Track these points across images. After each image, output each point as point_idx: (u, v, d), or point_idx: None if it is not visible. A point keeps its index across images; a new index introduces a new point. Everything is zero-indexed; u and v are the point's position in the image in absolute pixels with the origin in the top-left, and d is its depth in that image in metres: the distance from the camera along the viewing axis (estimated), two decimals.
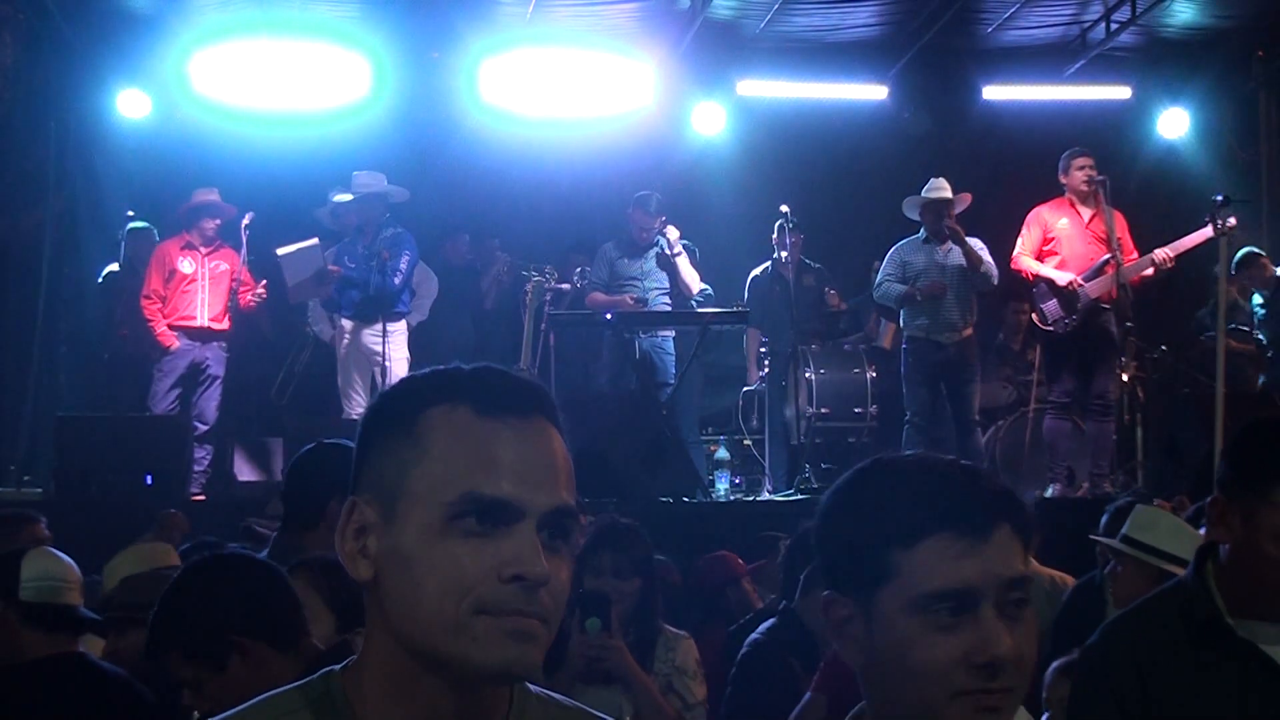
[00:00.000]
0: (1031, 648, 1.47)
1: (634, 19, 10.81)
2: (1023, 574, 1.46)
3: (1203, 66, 11.48)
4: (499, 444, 1.33)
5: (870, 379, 9.56)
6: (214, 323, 9.33)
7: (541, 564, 1.30)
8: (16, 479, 8.92)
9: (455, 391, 1.36)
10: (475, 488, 1.30)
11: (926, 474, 1.52)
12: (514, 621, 1.29)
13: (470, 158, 10.99)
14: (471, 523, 1.30)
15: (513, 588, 1.29)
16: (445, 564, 1.30)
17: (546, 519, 1.32)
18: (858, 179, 11.54)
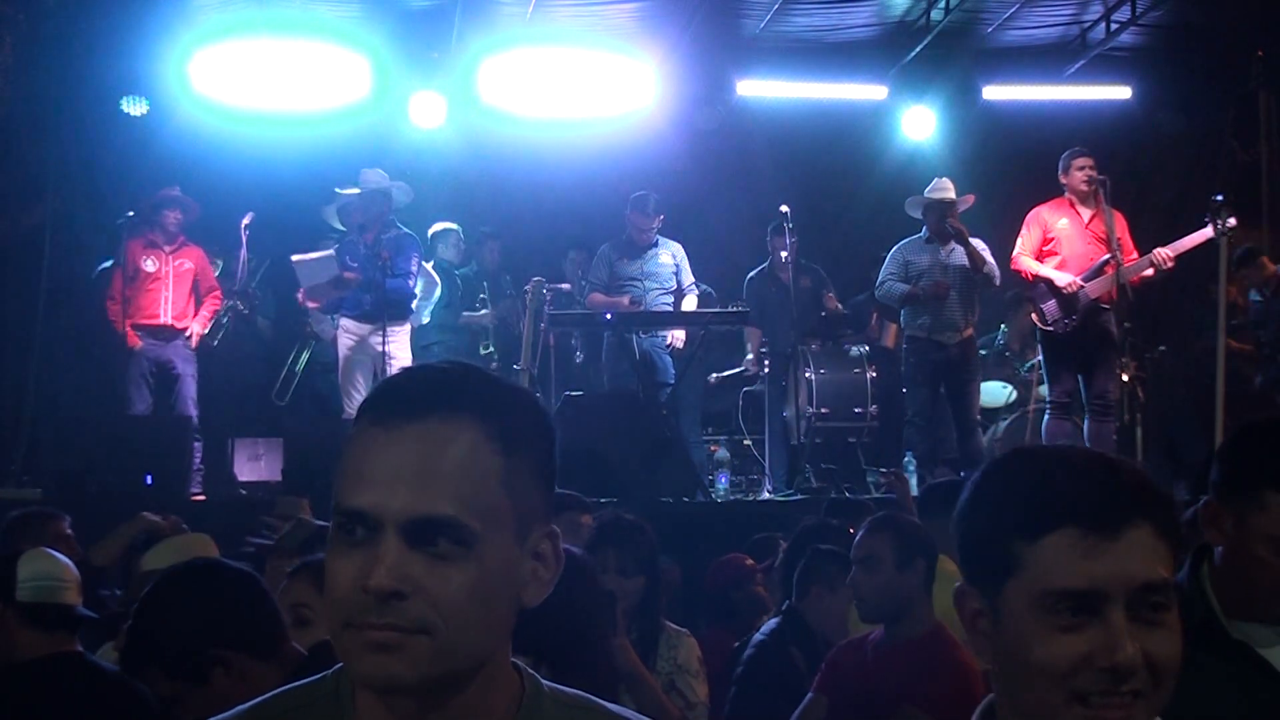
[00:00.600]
0: (1173, 653, 1.42)
1: (634, 19, 10.81)
2: (1162, 578, 1.39)
3: (1203, 66, 11.48)
4: (370, 453, 1.31)
5: (870, 379, 9.55)
6: (177, 320, 9.28)
7: (381, 575, 1.27)
8: (16, 479, 8.92)
9: (366, 404, 1.36)
10: (342, 500, 1.31)
11: (1059, 465, 1.45)
12: (368, 634, 1.28)
13: (470, 158, 10.99)
14: (345, 536, 1.31)
15: (368, 599, 1.28)
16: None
17: (410, 528, 1.28)
18: (858, 179, 11.55)
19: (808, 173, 11.26)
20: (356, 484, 1.31)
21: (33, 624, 3.41)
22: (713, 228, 11.00)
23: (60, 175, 10.16)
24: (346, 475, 1.32)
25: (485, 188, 11.04)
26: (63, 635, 3.45)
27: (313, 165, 10.29)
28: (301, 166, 10.39)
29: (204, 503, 8.34)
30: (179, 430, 8.56)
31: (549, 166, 10.91)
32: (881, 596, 3.85)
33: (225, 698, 2.35)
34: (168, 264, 9.30)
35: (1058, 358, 8.83)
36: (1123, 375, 8.81)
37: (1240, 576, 2.38)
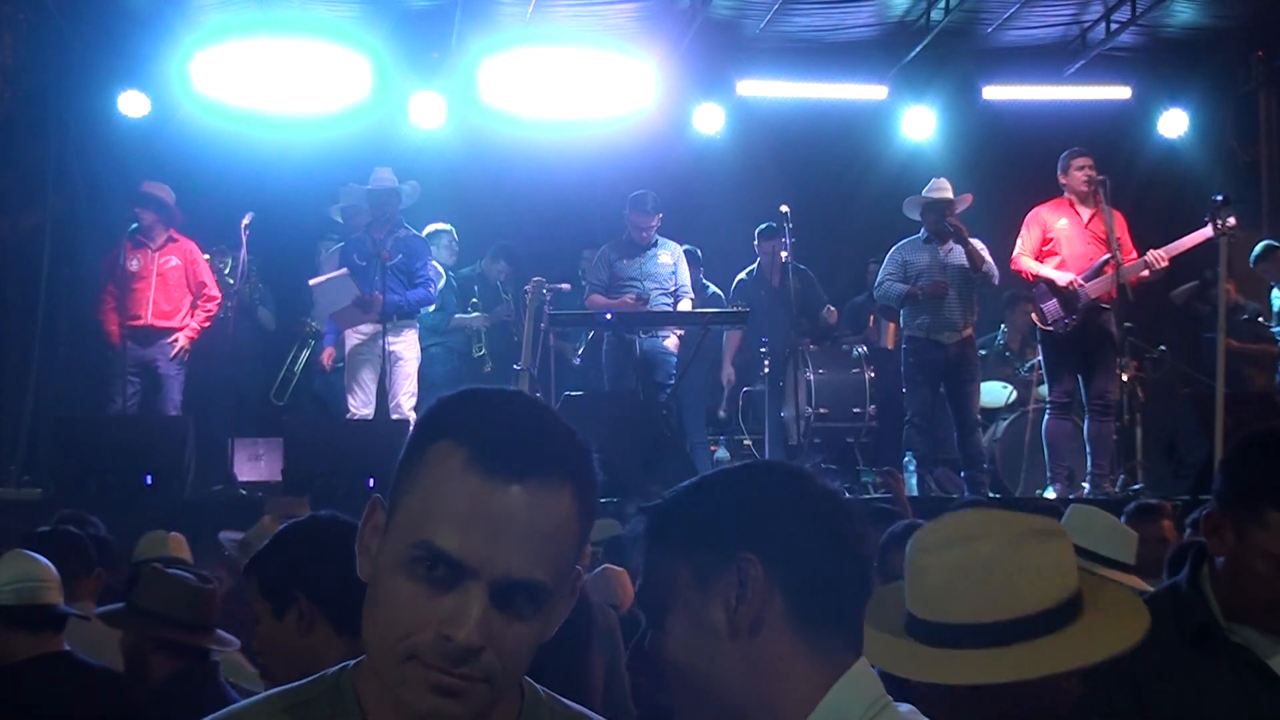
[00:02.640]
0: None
1: (634, 19, 10.81)
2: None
3: (1203, 66, 11.49)
4: (473, 500, 1.30)
5: (869, 379, 9.56)
6: (160, 321, 9.17)
7: (470, 631, 1.28)
8: (16, 479, 8.92)
9: (465, 431, 1.33)
10: (432, 537, 1.30)
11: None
12: (438, 677, 1.29)
13: (470, 158, 10.99)
14: (424, 569, 1.30)
15: (445, 645, 1.29)
16: (395, 601, 1.31)
17: (499, 586, 1.29)
18: (857, 179, 11.55)
19: (807, 173, 11.26)
20: (455, 528, 1.30)
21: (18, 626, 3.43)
22: (712, 228, 10.99)
23: (60, 175, 10.17)
24: (438, 511, 1.31)
25: (485, 188, 11.03)
26: (49, 635, 3.46)
27: (313, 165, 10.29)
28: (301, 167, 10.39)
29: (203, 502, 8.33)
30: (179, 430, 8.54)
31: (549, 167, 10.91)
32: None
33: (288, 642, 2.50)
34: (152, 262, 9.19)
35: (1058, 358, 8.83)
36: (1123, 375, 8.81)
37: (1238, 586, 2.39)
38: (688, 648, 1.51)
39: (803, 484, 1.57)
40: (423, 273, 9.12)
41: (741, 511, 1.53)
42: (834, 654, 1.52)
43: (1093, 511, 4.25)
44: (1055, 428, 8.84)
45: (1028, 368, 10.22)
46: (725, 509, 1.54)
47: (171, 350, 9.17)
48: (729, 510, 1.53)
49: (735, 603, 1.49)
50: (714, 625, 1.50)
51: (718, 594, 1.50)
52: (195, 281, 9.36)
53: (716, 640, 1.50)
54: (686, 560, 1.52)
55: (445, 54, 10.82)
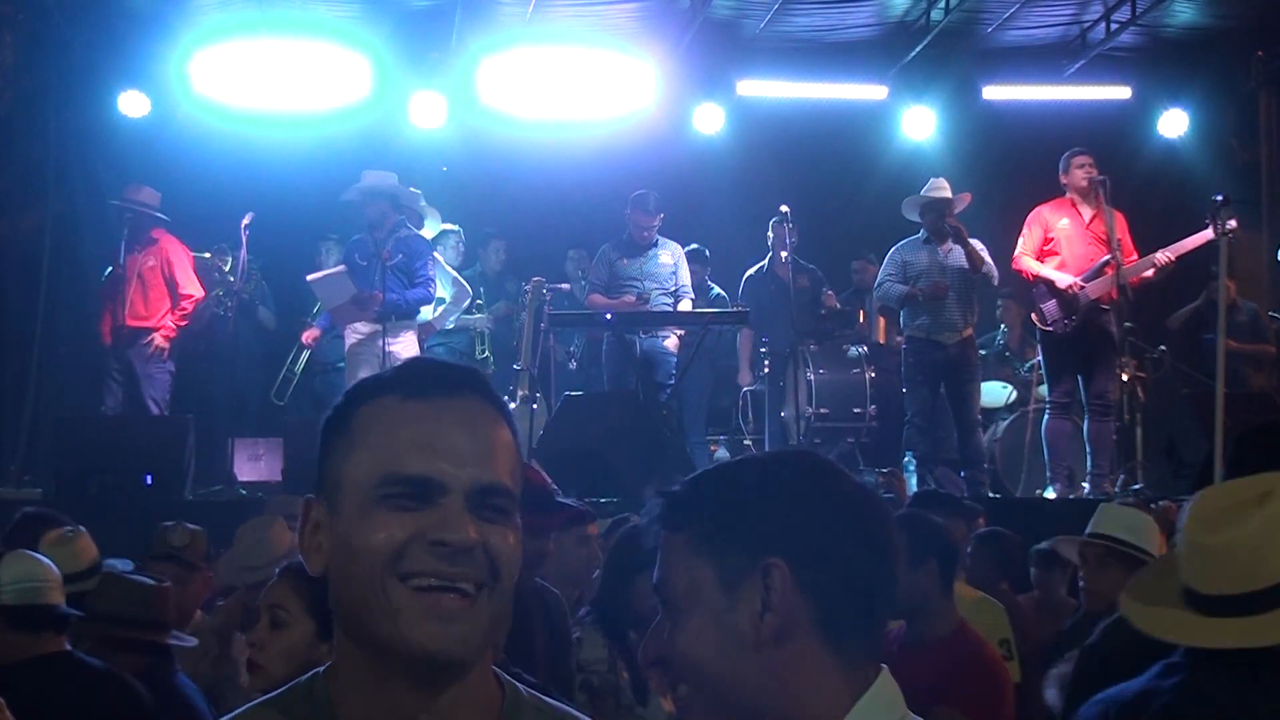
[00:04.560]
0: None
1: (634, 19, 10.81)
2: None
3: (1203, 66, 11.49)
4: (420, 423, 1.36)
5: (869, 379, 9.55)
6: (134, 321, 9.16)
7: (465, 531, 1.33)
8: (16, 479, 8.92)
9: (383, 385, 1.41)
10: (397, 468, 1.34)
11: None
12: (435, 598, 1.32)
13: (470, 158, 10.99)
14: (399, 500, 1.34)
15: (438, 551, 1.32)
16: (375, 533, 1.33)
17: (474, 494, 1.35)
18: (857, 179, 11.55)
19: (808, 173, 11.26)
20: (414, 452, 1.35)
21: (19, 626, 3.43)
22: (712, 228, 10.99)
23: (60, 175, 10.16)
24: (394, 446, 1.36)
25: (485, 188, 11.04)
26: (50, 635, 3.46)
27: (313, 165, 10.28)
28: (301, 166, 10.39)
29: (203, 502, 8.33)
30: (179, 430, 8.54)
31: (549, 167, 10.91)
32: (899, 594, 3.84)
33: (288, 650, 2.59)
34: (134, 263, 9.20)
35: (1058, 358, 8.83)
36: (1123, 375, 8.81)
37: None
38: (709, 650, 1.46)
39: (834, 480, 1.52)
40: (422, 272, 9.11)
41: (770, 511, 1.48)
42: (860, 664, 1.48)
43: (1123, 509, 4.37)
44: (1055, 428, 8.84)
45: (1028, 368, 10.22)
46: (753, 508, 1.48)
47: (147, 350, 9.17)
48: (757, 509, 1.48)
49: (762, 609, 1.45)
50: (738, 631, 1.45)
51: (744, 599, 1.45)
52: (171, 281, 9.33)
53: (740, 646, 1.45)
54: (711, 560, 1.47)
55: (445, 54, 10.82)
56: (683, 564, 1.49)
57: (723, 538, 1.48)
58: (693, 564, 1.48)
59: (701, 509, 1.50)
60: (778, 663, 1.45)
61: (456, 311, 9.89)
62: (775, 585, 1.44)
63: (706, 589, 1.47)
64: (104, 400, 9.22)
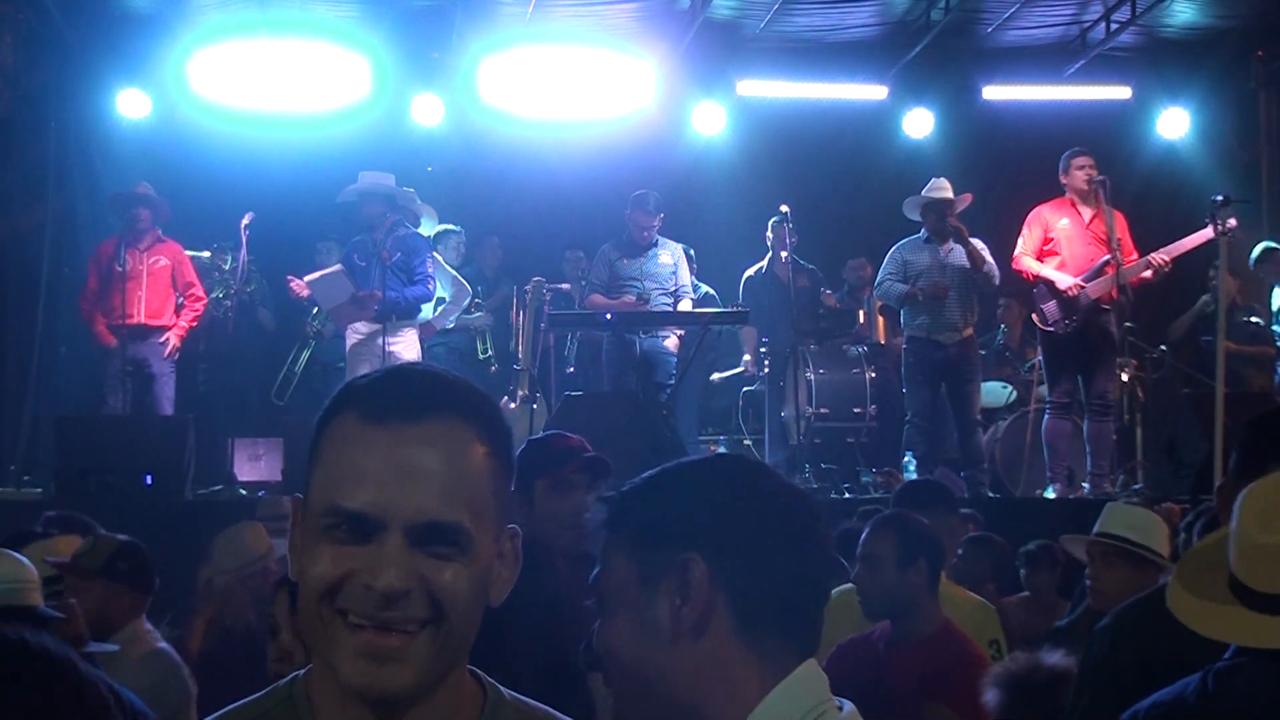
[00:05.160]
0: None
1: (634, 19, 10.81)
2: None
3: (1203, 66, 11.48)
4: (368, 453, 1.31)
5: (869, 379, 9.56)
6: (151, 319, 9.16)
7: (395, 576, 1.28)
8: (16, 479, 8.91)
9: (350, 399, 1.36)
10: (338, 500, 1.30)
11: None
12: (368, 637, 1.29)
13: (470, 158, 10.99)
14: (341, 532, 1.30)
15: (370, 594, 1.28)
16: (315, 565, 1.31)
17: (416, 531, 1.30)
18: (858, 179, 11.55)
19: (808, 173, 11.25)
20: (356, 485, 1.30)
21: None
22: (713, 228, 11.00)
23: (60, 175, 10.16)
24: (339, 474, 1.32)
25: (485, 188, 11.03)
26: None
27: (313, 166, 10.28)
28: (301, 167, 10.38)
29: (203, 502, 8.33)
30: (179, 430, 8.55)
31: (549, 166, 10.91)
32: (884, 595, 3.86)
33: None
34: (141, 262, 9.17)
35: (1057, 358, 8.83)
36: (1123, 375, 8.81)
37: None
38: (632, 645, 1.50)
39: (758, 479, 1.55)
40: (421, 270, 9.11)
41: (689, 509, 1.51)
42: (778, 657, 1.50)
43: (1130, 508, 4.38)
44: (1055, 428, 8.84)
45: (1028, 368, 10.23)
46: (673, 506, 1.52)
47: (164, 350, 9.18)
48: (677, 507, 1.52)
49: (679, 603, 1.48)
50: (658, 625, 1.48)
51: (663, 594, 1.49)
52: (183, 281, 9.35)
53: (660, 640, 1.49)
54: (634, 556, 1.51)
55: (445, 54, 10.82)
56: (612, 564, 1.53)
57: (645, 537, 1.51)
58: (619, 563, 1.52)
59: (630, 511, 1.54)
60: (695, 656, 1.48)
61: (456, 311, 9.89)
62: (691, 579, 1.48)
63: (629, 587, 1.51)
64: (107, 400, 9.19)
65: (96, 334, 9.22)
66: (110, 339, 9.15)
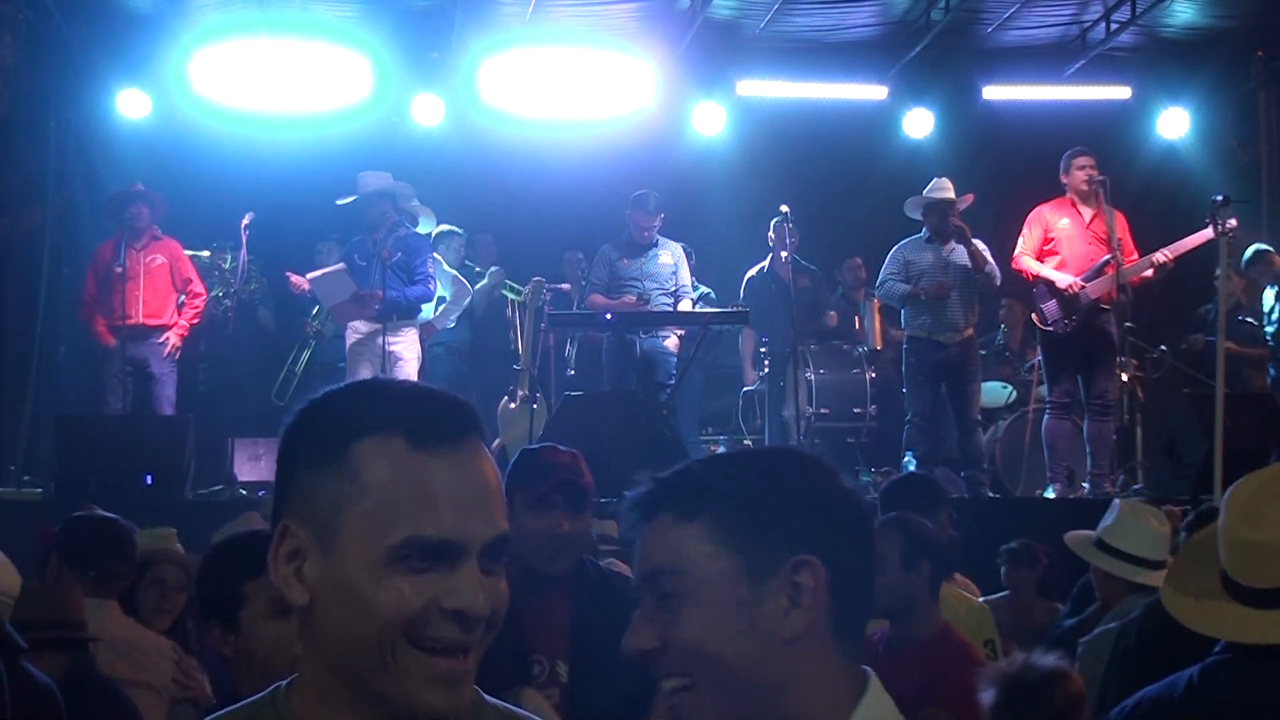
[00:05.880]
0: None
1: (634, 19, 10.81)
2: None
3: (1203, 66, 11.49)
4: (437, 480, 1.32)
5: (869, 379, 9.56)
6: (150, 319, 9.13)
7: (483, 600, 1.31)
8: (16, 479, 8.92)
9: (387, 421, 1.34)
10: (418, 530, 1.30)
11: None
12: (446, 664, 1.30)
13: (470, 158, 10.99)
14: (415, 562, 1.30)
15: (452, 621, 1.30)
16: (389, 598, 1.30)
17: (487, 550, 1.33)
18: (858, 179, 11.55)
19: (808, 173, 11.25)
20: (431, 511, 1.31)
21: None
22: (712, 228, 11.00)
23: (60, 175, 10.17)
24: (406, 504, 1.31)
25: (485, 188, 11.03)
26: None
27: (313, 165, 10.28)
28: (301, 167, 10.39)
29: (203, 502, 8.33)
30: (179, 430, 8.55)
31: (549, 166, 10.91)
32: (886, 595, 3.84)
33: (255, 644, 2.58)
34: (138, 262, 9.14)
35: (1057, 358, 8.83)
36: (1123, 375, 8.81)
37: None
38: (727, 643, 1.43)
39: (841, 481, 1.51)
40: (421, 270, 9.12)
41: (800, 507, 1.46)
42: (857, 666, 1.49)
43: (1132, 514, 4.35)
44: (1055, 428, 8.84)
45: (1028, 368, 10.22)
46: (784, 501, 1.46)
47: (164, 349, 9.16)
48: (788, 503, 1.46)
49: (789, 605, 1.43)
50: (760, 625, 1.43)
51: (771, 593, 1.43)
52: (181, 279, 9.31)
53: (763, 640, 1.43)
54: (737, 551, 1.44)
55: (445, 54, 10.82)
56: (696, 553, 1.45)
57: (753, 529, 1.44)
58: (710, 553, 1.44)
59: (724, 497, 1.46)
60: (793, 660, 1.44)
61: (457, 310, 9.90)
62: (806, 582, 1.43)
63: (728, 580, 1.44)
64: (107, 400, 9.18)
65: (96, 335, 9.20)
66: (110, 339, 9.13)
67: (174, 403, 9.23)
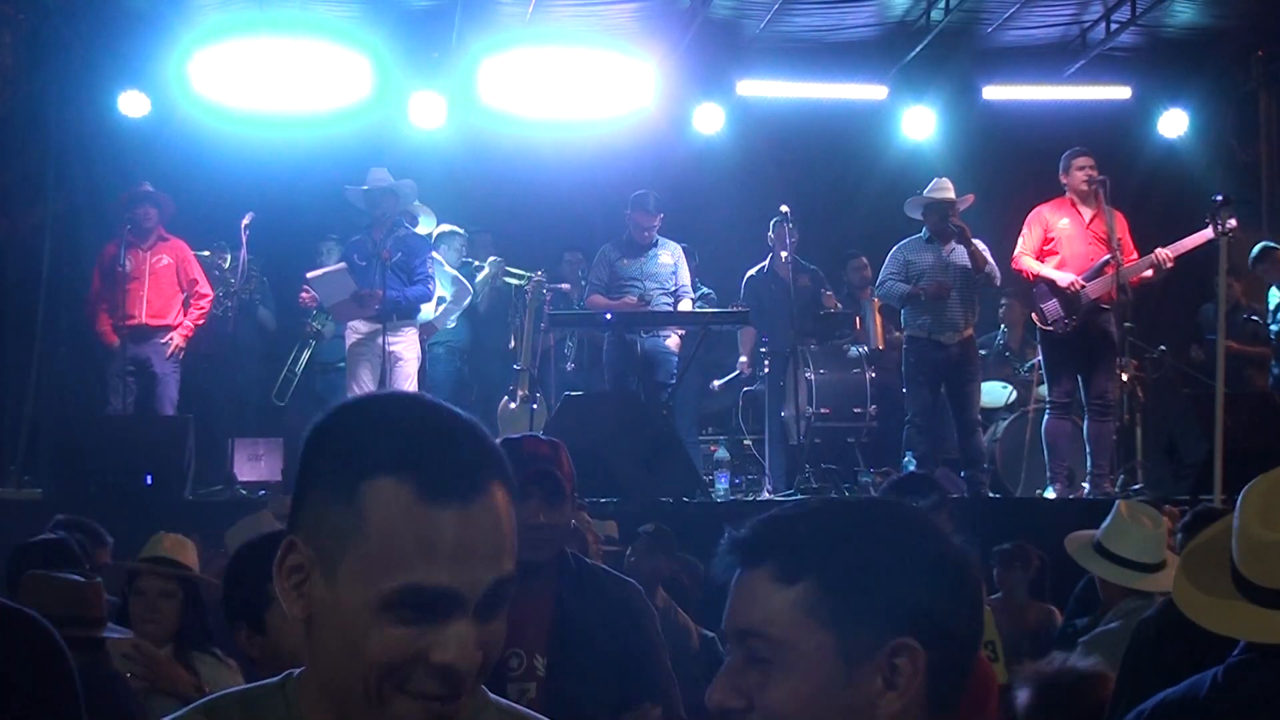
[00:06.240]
0: None
1: (634, 19, 10.81)
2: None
3: (1203, 66, 11.49)
4: (440, 532, 1.29)
5: (870, 379, 9.56)
6: (154, 319, 9.15)
7: (472, 655, 1.30)
8: (16, 479, 8.92)
9: (399, 465, 1.31)
10: (415, 580, 1.28)
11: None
12: (432, 708, 1.30)
13: (470, 158, 10.99)
14: (408, 611, 1.29)
15: (445, 672, 1.29)
16: (378, 644, 1.29)
17: (487, 595, 1.31)
18: (858, 179, 11.55)
19: (808, 173, 11.26)
20: (431, 562, 1.29)
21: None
22: (712, 228, 11.00)
23: (60, 175, 10.16)
24: (406, 554, 1.29)
25: (485, 188, 11.03)
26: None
27: (312, 165, 10.28)
28: (301, 167, 10.39)
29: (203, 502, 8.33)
30: (179, 430, 8.55)
31: (549, 167, 10.91)
32: None
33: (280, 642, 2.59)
34: (144, 262, 9.16)
35: (1057, 358, 8.83)
36: (1123, 375, 8.82)
37: None
38: (806, 716, 1.36)
39: (947, 543, 1.42)
40: (421, 270, 9.13)
41: (902, 581, 1.37)
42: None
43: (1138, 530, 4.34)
44: (1055, 428, 8.84)
45: (1028, 368, 10.22)
46: (885, 575, 1.37)
47: (167, 349, 9.17)
48: (889, 578, 1.37)
49: (884, 688, 1.36)
50: (851, 706, 1.36)
51: (865, 675, 1.35)
52: (187, 279, 9.34)
53: (846, 717, 1.36)
54: (833, 626, 1.36)
55: (445, 54, 10.82)
56: (793, 622, 1.37)
57: (853, 604, 1.36)
58: (805, 625, 1.37)
59: (827, 562, 1.38)
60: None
61: (457, 310, 9.90)
62: (904, 668, 1.36)
63: (824, 656, 1.36)
64: (110, 400, 9.17)
65: (100, 333, 9.22)
66: (113, 338, 9.14)
67: (175, 403, 9.23)
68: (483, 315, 10.49)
